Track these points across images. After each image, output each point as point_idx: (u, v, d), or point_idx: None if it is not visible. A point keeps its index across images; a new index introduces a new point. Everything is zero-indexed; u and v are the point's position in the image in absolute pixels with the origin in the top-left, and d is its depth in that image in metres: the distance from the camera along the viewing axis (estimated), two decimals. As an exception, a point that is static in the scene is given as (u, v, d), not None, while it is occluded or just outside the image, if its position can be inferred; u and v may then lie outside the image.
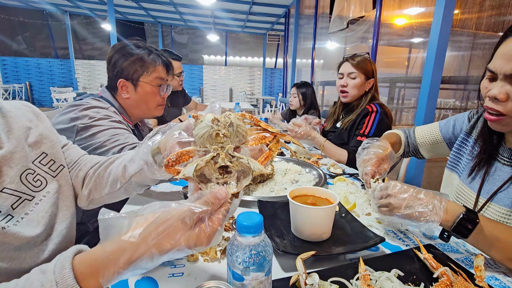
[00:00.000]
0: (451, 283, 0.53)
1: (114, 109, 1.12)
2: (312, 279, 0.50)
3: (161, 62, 1.20)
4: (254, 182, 1.06)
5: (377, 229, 0.80)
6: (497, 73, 0.70)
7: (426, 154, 1.13)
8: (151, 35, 10.21)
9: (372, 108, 1.58)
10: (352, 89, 1.64)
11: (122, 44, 1.17)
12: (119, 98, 1.19)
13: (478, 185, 0.85)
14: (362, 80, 1.62)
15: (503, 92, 0.69)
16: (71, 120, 1.00)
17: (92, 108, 1.05)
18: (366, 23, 3.69)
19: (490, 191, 0.81)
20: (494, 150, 0.84)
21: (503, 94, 0.69)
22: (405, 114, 4.61)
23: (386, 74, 3.83)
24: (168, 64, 1.23)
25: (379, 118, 1.55)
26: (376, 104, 1.59)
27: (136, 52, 1.15)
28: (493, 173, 0.83)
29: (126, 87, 1.16)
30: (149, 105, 1.22)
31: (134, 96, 1.18)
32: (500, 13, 2.21)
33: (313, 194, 0.79)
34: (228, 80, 10.04)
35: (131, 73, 1.15)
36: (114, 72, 1.16)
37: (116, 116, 1.10)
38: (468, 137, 0.94)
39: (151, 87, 1.19)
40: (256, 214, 0.46)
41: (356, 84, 1.62)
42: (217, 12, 7.05)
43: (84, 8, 7.64)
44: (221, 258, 0.66)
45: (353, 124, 1.63)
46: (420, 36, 3.17)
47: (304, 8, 5.54)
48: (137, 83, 1.17)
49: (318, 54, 5.17)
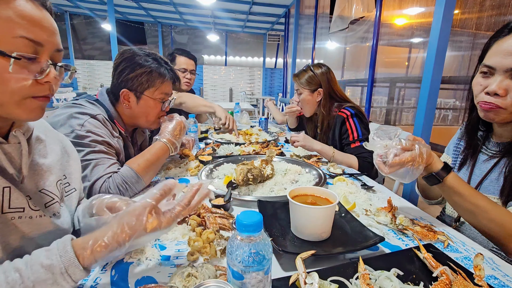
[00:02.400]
0: (450, 282, 0.53)
1: (104, 116, 1.07)
2: (312, 278, 0.50)
3: (169, 78, 1.16)
4: (254, 182, 1.06)
5: (377, 229, 0.81)
6: (496, 68, 0.74)
7: None
8: (151, 35, 10.20)
9: (346, 114, 1.56)
10: (304, 105, 1.74)
11: (131, 53, 1.12)
12: (118, 106, 1.16)
13: (467, 177, 0.92)
14: (307, 94, 1.68)
15: (503, 87, 0.73)
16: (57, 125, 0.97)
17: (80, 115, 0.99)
18: (366, 23, 3.69)
19: (477, 181, 0.88)
20: (480, 144, 0.91)
21: (502, 89, 0.73)
22: (405, 114, 4.61)
23: (386, 74, 3.82)
24: (175, 79, 1.20)
25: (357, 120, 1.55)
26: (347, 108, 1.58)
27: (145, 65, 1.10)
28: (480, 165, 0.90)
29: (128, 97, 1.12)
30: (148, 118, 1.18)
31: (135, 107, 1.14)
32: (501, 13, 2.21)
33: (313, 194, 0.79)
34: (228, 80, 10.03)
35: (136, 85, 1.11)
36: (118, 81, 1.11)
37: (101, 129, 1.02)
38: (461, 141, 1.02)
39: (154, 101, 1.15)
40: (256, 213, 0.47)
41: (304, 100, 1.71)
42: (217, 12, 7.04)
43: (84, 8, 7.64)
44: (221, 257, 0.66)
45: (333, 136, 1.63)
46: (420, 36, 3.17)
47: (304, 8, 5.54)
48: (141, 96, 1.13)
49: (318, 54, 5.16)
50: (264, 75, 10.13)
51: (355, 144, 1.52)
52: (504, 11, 2.17)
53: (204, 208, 0.84)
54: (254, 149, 1.65)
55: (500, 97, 0.75)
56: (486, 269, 0.64)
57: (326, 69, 1.67)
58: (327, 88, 1.65)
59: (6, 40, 0.49)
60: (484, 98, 0.78)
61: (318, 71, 1.65)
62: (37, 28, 0.52)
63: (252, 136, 2.00)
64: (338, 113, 1.60)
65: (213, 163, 1.29)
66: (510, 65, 0.72)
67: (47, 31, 0.54)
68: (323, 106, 1.66)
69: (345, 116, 1.57)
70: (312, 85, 1.65)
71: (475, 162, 0.92)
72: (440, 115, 5.34)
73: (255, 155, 1.51)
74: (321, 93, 1.65)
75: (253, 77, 10.22)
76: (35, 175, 0.64)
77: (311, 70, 1.66)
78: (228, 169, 1.25)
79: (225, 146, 1.71)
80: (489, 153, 0.88)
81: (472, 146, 0.92)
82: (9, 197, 0.56)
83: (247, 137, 1.98)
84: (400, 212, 0.93)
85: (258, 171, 1.08)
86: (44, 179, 0.66)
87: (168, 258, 0.66)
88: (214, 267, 0.59)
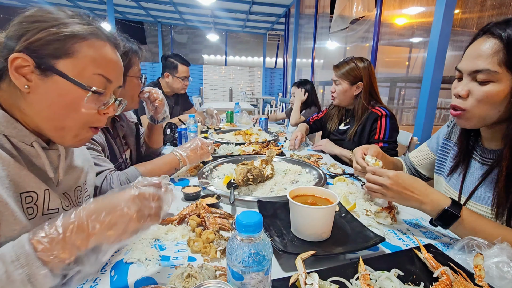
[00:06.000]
0: (451, 283, 0.53)
1: None
2: (312, 279, 0.50)
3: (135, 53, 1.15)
4: (254, 183, 1.06)
5: (377, 229, 0.80)
6: (463, 71, 0.76)
7: (427, 173, 1.15)
8: (150, 35, 10.18)
9: (381, 113, 1.56)
10: (338, 95, 1.69)
11: None
12: None
13: (459, 185, 0.90)
14: (346, 86, 1.65)
15: (465, 89, 0.75)
16: None
17: None
18: (367, 23, 3.69)
19: (470, 190, 0.85)
20: (471, 150, 0.89)
21: (465, 91, 0.75)
22: (406, 114, 4.60)
23: (386, 74, 3.82)
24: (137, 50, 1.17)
25: (390, 122, 1.54)
26: (383, 108, 1.57)
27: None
28: (472, 172, 0.87)
29: None
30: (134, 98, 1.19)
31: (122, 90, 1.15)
32: (501, 13, 2.21)
33: (313, 194, 0.79)
34: (228, 80, 10.01)
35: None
36: None
37: None
38: (448, 141, 1.00)
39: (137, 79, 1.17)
40: (256, 213, 0.46)
41: (340, 90, 1.67)
42: (217, 12, 7.03)
43: (83, 7, 7.63)
44: (221, 258, 0.66)
45: (361, 131, 1.61)
46: (420, 35, 3.17)
47: (304, 7, 5.53)
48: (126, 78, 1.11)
49: (318, 54, 5.16)
50: (264, 75, 10.12)
51: (378, 144, 1.52)
52: (505, 11, 2.16)
53: (204, 208, 0.84)
54: (254, 149, 1.64)
55: (463, 99, 0.76)
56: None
57: (368, 64, 1.64)
58: (368, 82, 1.62)
59: (88, 76, 0.59)
60: (453, 101, 0.80)
61: (360, 65, 1.62)
62: (111, 68, 0.64)
63: (252, 136, 2.00)
64: (372, 110, 1.59)
65: (213, 163, 1.29)
66: (473, 67, 0.72)
67: (118, 72, 0.67)
68: (364, 99, 1.62)
69: (379, 115, 1.56)
70: (352, 77, 1.63)
71: (467, 169, 0.88)
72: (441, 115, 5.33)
73: (255, 155, 1.51)
74: (360, 87, 1.63)
75: (253, 77, 10.20)
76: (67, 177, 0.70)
77: (354, 62, 1.63)
78: (228, 169, 1.25)
79: (225, 146, 1.71)
80: (481, 160, 0.85)
81: (463, 151, 0.89)
82: (48, 199, 0.61)
83: (247, 137, 1.97)
84: (400, 212, 0.93)
85: (258, 171, 1.08)
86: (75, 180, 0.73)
87: (168, 259, 0.66)
88: (214, 268, 0.59)
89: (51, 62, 0.56)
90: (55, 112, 0.58)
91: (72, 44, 0.57)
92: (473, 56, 0.73)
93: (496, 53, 0.69)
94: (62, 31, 0.56)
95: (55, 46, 0.56)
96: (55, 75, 0.56)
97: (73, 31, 0.57)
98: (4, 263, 0.42)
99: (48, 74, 0.56)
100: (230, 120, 2.70)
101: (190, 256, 0.67)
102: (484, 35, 0.73)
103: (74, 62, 0.57)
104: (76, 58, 0.57)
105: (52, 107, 0.58)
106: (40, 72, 0.55)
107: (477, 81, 0.73)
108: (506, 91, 0.69)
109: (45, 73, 0.56)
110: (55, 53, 0.56)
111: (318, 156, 1.59)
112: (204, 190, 1.03)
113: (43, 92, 0.57)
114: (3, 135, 0.56)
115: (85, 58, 0.58)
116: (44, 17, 0.56)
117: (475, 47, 0.74)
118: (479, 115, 0.75)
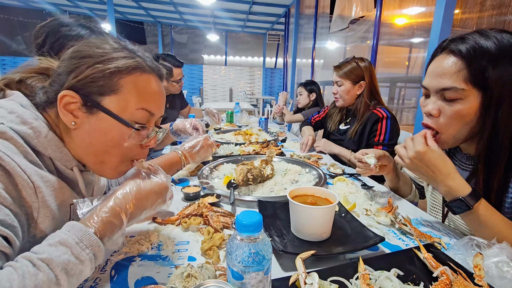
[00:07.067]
0: (450, 283, 0.53)
1: None
2: (312, 279, 0.50)
3: None
4: (254, 183, 1.06)
5: (377, 229, 0.80)
6: (429, 89, 0.76)
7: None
8: (151, 35, 10.18)
9: (382, 114, 1.55)
10: (342, 95, 1.68)
11: None
12: None
13: None
14: (349, 86, 1.64)
15: (436, 107, 0.74)
16: None
17: None
18: (367, 23, 3.69)
19: None
20: (451, 156, 0.89)
21: (436, 110, 0.74)
22: (406, 114, 4.60)
23: (386, 74, 3.82)
24: None
25: (390, 124, 1.54)
26: (384, 110, 1.57)
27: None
28: None
29: None
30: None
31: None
32: (501, 13, 2.21)
33: (313, 194, 0.79)
34: (228, 80, 10.01)
35: None
36: None
37: None
38: None
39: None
40: (256, 213, 0.47)
41: (343, 91, 1.66)
42: (217, 12, 7.03)
43: (83, 7, 7.63)
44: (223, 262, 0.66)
45: (362, 132, 1.61)
46: (420, 36, 3.16)
47: (304, 8, 5.53)
48: None
49: (318, 54, 5.16)
50: (264, 75, 10.12)
51: (378, 147, 1.51)
52: (505, 11, 2.16)
53: (206, 207, 0.84)
54: (254, 149, 1.65)
55: (434, 118, 0.75)
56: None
57: (368, 63, 1.64)
58: (370, 82, 1.62)
59: (131, 111, 0.58)
60: (425, 120, 0.79)
61: (362, 64, 1.62)
62: (155, 101, 0.62)
63: (252, 136, 2.00)
64: (374, 111, 1.59)
65: (213, 163, 1.29)
66: (440, 86, 0.72)
67: (161, 103, 0.64)
68: (366, 97, 1.62)
69: (380, 116, 1.55)
70: (354, 76, 1.62)
71: None
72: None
73: (255, 155, 1.51)
74: (363, 86, 1.62)
75: (253, 77, 10.20)
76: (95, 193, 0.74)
77: (355, 61, 1.63)
78: (228, 169, 1.25)
79: (225, 146, 1.71)
80: (461, 166, 0.84)
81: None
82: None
83: (247, 137, 1.98)
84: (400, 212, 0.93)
85: (258, 171, 1.08)
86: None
87: (168, 259, 0.66)
88: (214, 268, 0.59)
89: (97, 99, 0.56)
90: (97, 148, 0.58)
91: (117, 80, 0.56)
92: (438, 73, 0.73)
93: (459, 71, 0.69)
94: (107, 68, 0.55)
95: (101, 83, 0.55)
96: (100, 112, 0.56)
97: (118, 66, 0.56)
98: (68, 246, 0.44)
99: (94, 112, 0.56)
100: (230, 120, 2.71)
101: (190, 256, 0.67)
102: (443, 52, 0.73)
103: (119, 98, 0.57)
104: (121, 94, 0.57)
105: (94, 143, 0.58)
106: (86, 109, 0.56)
107: (446, 99, 0.72)
108: (475, 107, 0.70)
109: (91, 110, 0.56)
110: (101, 90, 0.56)
111: (318, 156, 1.59)
112: (204, 190, 1.03)
113: (87, 129, 0.57)
114: (48, 158, 0.57)
115: (129, 94, 0.57)
116: (90, 53, 0.57)
117: (437, 64, 0.74)
118: (453, 135, 0.75)
